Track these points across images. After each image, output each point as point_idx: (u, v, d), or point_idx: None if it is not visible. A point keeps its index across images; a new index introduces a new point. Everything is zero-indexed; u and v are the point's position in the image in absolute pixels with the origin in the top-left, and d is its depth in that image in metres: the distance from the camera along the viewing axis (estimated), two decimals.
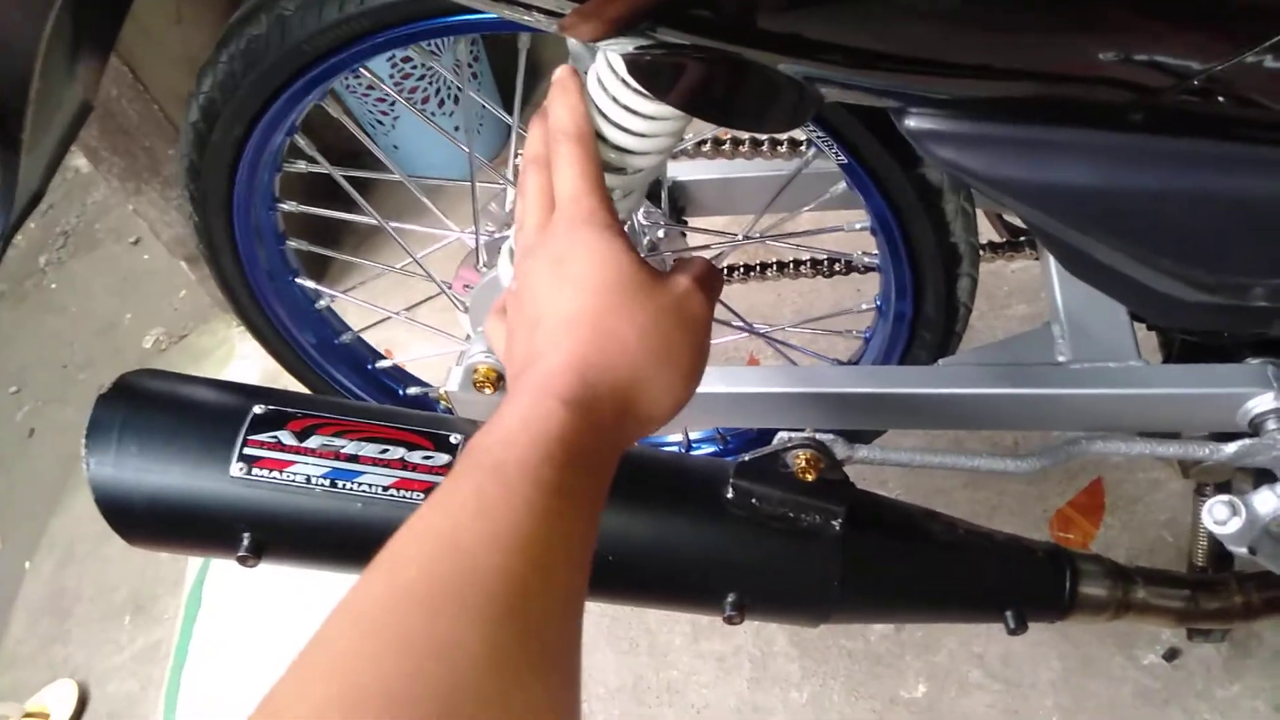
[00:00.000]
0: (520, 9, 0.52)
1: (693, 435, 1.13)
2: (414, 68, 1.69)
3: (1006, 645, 1.11)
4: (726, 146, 0.89)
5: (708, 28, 0.50)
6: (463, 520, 0.35)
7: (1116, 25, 0.49)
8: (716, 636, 1.22)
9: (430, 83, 1.73)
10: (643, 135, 0.57)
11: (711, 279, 0.53)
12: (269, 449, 0.72)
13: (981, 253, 0.95)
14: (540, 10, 0.52)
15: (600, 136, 0.58)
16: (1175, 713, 1.03)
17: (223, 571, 1.50)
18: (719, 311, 1.01)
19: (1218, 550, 0.93)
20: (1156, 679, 1.06)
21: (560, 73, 0.55)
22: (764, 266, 1.01)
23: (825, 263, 0.97)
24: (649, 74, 0.53)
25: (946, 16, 0.50)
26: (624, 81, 0.54)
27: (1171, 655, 1.06)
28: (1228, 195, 0.55)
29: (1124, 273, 0.63)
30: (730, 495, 0.74)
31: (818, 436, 0.73)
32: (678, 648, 1.22)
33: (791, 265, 0.99)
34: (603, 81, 0.56)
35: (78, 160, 1.55)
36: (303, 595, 1.40)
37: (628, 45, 0.52)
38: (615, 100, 0.56)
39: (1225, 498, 0.61)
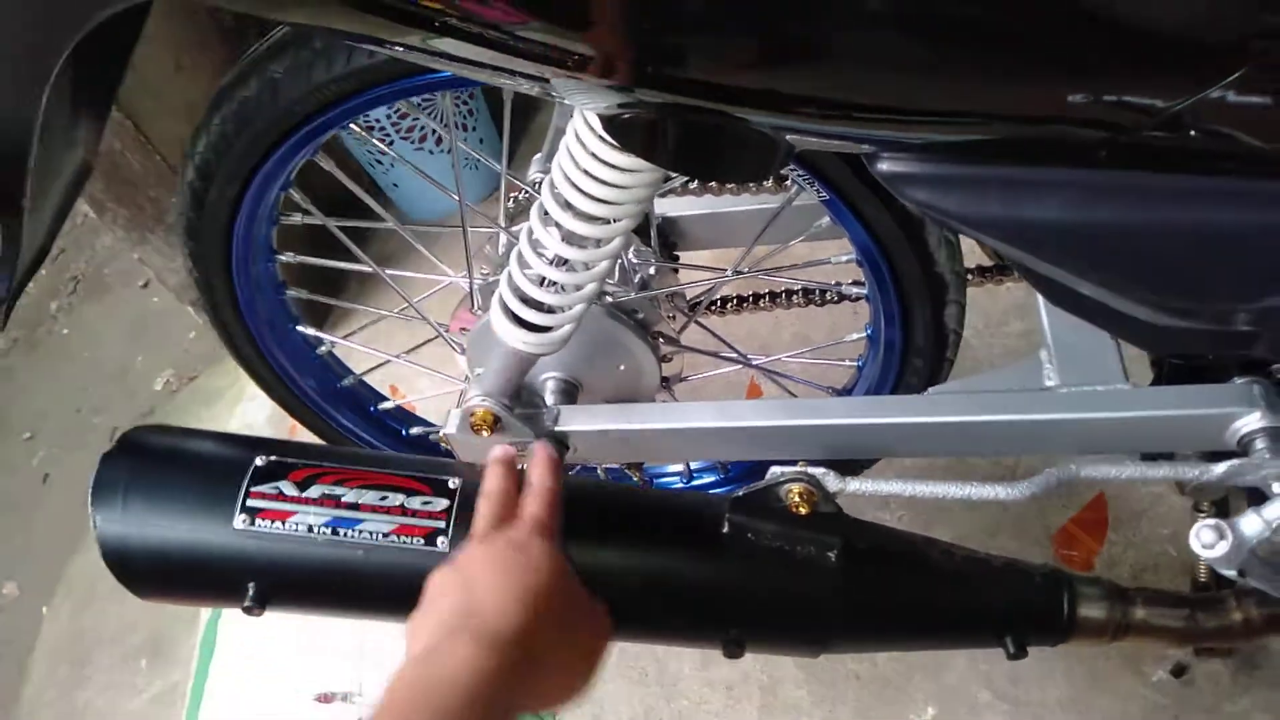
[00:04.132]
0: (503, 75, 0.54)
1: (693, 465, 1.14)
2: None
3: (1014, 664, 1.09)
4: (713, 183, 0.90)
5: (682, 87, 0.51)
6: None
7: (1085, 68, 0.51)
8: (725, 665, 1.21)
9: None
10: (619, 188, 0.58)
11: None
12: (271, 500, 0.74)
13: (970, 277, 0.96)
14: (524, 76, 0.53)
15: (578, 189, 0.59)
16: None
17: (235, 612, 1.51)
18: (715, 344, 1.03)
19: None
20: (1165, 696, 1.05)
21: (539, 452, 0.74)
22: (757, 297, 1.02)
23: (816, 293, 0.98)
24: (624, 131, 0.54)
25: (915, 66, 0.51)
26: (600, 138, 0.56)
27: (1179, 671, 1.06)
28: (1199, 226, 0.56)
29: (1104, 303, 0.63)
30: (726, 530, 0.75)
31: (809, 470, 0.73)
32: (687, 676, 1.22)
33: (783, 296, 1.00)
34: (580, 137, 0.58)
35: (84, 206, 1.57)
36: (312, 634, 1.41)
37: (603, 105, 0.54)
38: (594, 156, 0.58)
39: (1211, 522, 0.62)
